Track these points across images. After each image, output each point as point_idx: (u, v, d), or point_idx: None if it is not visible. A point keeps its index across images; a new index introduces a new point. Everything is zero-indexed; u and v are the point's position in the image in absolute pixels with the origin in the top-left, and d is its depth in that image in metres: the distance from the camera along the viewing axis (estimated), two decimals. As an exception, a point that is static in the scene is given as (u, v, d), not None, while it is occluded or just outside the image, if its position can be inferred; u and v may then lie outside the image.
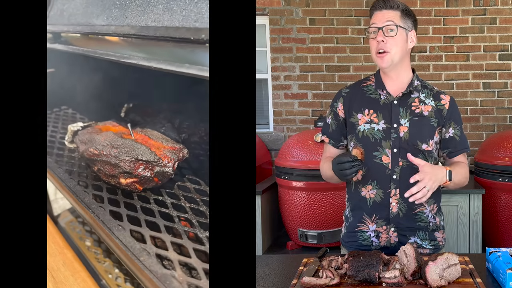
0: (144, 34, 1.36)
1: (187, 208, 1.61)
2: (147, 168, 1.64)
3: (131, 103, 2.62)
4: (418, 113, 1.61)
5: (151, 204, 1.62)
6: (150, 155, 1.65)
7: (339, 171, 1.52)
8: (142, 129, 1.97)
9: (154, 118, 2.36)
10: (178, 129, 2.34)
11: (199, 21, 1.14)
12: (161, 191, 1.74)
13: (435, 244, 1.67)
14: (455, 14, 3.98)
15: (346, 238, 1.72)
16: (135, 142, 1.73)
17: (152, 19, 1.38)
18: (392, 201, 1.61)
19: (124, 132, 1.90)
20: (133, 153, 1.65)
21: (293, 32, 4.09)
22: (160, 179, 1.69)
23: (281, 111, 4.19)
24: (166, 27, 1.25)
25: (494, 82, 4.02)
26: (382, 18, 1.57)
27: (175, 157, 1.72)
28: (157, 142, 1.81)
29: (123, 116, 2.55)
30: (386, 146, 1.60)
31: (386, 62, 1.57)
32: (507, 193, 3.21)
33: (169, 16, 1.28)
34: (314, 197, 3.26)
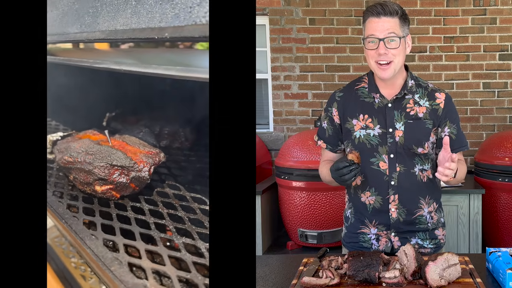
0: (113, 37, 1.39)
1: (165, 214, 1.59)
2: (122, 173, 1.61)
3: (113, 112, 2.64)
4: (413, 115, 1.58)
5: (127, 212, 1.59)
6: (125, 160, 1.62)
7: (338, 177, 1.51)
8: (120, 135, 1.96)
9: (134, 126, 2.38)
10: (159, 136, 2.37)
11: (164, 21, 1.16)
12: (140, 198, 1.71)
13: (436, 243, 1.66)
14: (455, 14, 3.98)
15: (347, 239, 1.71)
16: (111, 148, 1.70)
17: (121, 23, 1.41)
18: (391, 207, 1.60)
19: (102, 139, 1.87)
20: (108, 159, 1.62)
21: (293, 32, 4.09)
22: (137, 185, 1.66)
23: (281, 111, 4.19)
24: (133, 29, 1.28)
25: (494, 82, 4.02)
26: (382, 28, 1.49)
27: (151, 161, 1.69)
28: (134, 147, 1.79)
29: (104, 125, 2.57)
30: (383, 152, 1.58)
31: (389, 73, 1.52)
32: (507, 193, 3.21)
33: (137, 19, 1.32)
34: (314, 197, 3.26)
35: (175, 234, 1.44)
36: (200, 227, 1.50)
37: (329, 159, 1.69)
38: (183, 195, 1.78)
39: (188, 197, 1.75)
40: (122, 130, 2.33)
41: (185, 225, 1.52)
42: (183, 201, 1.71)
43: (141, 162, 1.66)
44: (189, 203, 1.70)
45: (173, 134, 2.39)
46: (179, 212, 1.61)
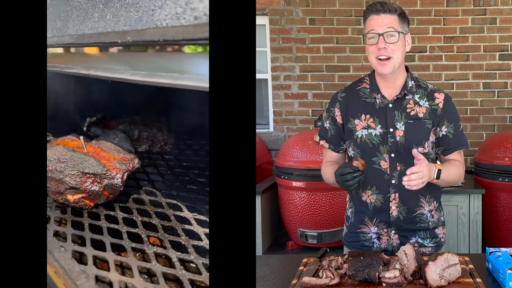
0: (80, 42, 1.40)
1: (138, 222, 1.56)
2: (95, 181, 1.59)
3: (94, 117, 2.63)
4: (413, 115, 1.60)
5: (100, 221, 1.56)
6: (98, 167, 1.60)
7: (342, 182, 1.52)
8: (97, 141, 1.93)
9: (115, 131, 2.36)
10: (138, 141, 2.35)
11: (128, 25, 1.16)
12: (115, 206, 1.69)
13: (436, 241, 1.68)
14: (455, 14, 3.98)
15: (348, 238, 1.72)
16: (84, 155, 1.67)
17: (89, 27, 1.41)
18: (392, 205, 1.62)
19: (78, 145, 1.84)
20: (80, 166, 1.59)
21: (293, 32, 4.09)
22: (111, 192, 1.64)
23: (281, 111, 4.19)
24: (98, 33, 1.29)
25: (494, 82, 4.02)
26: (382, 23, 1.54)
27: (124, 167, 1.67)
28: (109, 154, 1.76)
29: (85, 130, 2.56)
30: (384, 151, 1.61)
31: (389, 69, 1.56)
32: (507, 193, 3.21)
33: (103, 23, 1.33)
34: (314, 197, 3.26)
35: (147, 244, 1.42)
36: (173, 235, 1.48)
37: (332, 160, 1.71)
38: (159, 202, 1.76)
39: (163, 203, 1.74)
40: (103, 135, 2.32)
41: (158, 233, 1.49)
42: (158, 208, 1.69)
43: (114, 169, 1.63)
44: (164, 209, 1.68)
45: (151, 139, 2.38)
46: (153, 220, 1.59)
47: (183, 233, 1.50)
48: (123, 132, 2.25)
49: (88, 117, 2.62)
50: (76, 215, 1.60)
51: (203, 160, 2.26)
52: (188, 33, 0.95)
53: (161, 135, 2.41)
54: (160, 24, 1.01)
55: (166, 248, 1.39)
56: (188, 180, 2.00)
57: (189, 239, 1.45)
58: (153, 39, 1.02)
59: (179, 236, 1.48)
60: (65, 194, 1.59)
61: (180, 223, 1.56)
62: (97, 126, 2.54)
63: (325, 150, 1.73)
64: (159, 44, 1.04)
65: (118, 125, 2.51)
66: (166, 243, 1.42)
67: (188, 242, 1.43)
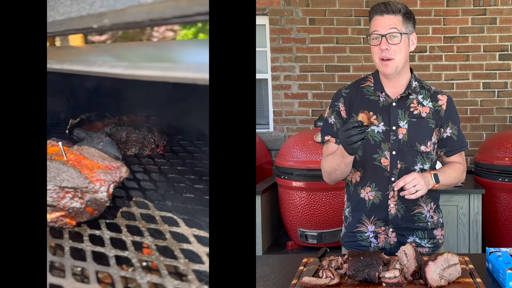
0: (50, 31, 1.19)
1: (128, 243, 1.32)
2: (75, 196, 1.34)
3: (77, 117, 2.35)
4: (416, 114, 1.62)
5: (84, 243, 1.30)
6: (78, 179, 1.36)
7: (345, 139, 1.45)
8: (78, 146, 1.69)
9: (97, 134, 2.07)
10: (126, 143, 2.12)
11: (105, 6, 0.98)
12: (100, 222, 1.43)
13: (434, 242, 1.68)
14: (455, 14, 3.98)
15: (346, 238, 1.73)
16: (63, 165, 1.43)
17: (60, 12, 1.22)
18: (390, 202, 1.63)
19: (58, 152, 1.59)
20: (56, 180, 1.34)
21: (293, 32, 4.09)
22: (95, 208, 1.39)
23: (281, 111, 4.19)
24: (71, 19, 1.10)
25: (494, 82, 4.02)
26: (385, 24, 1.55)
27: (110, 178, 1.43)
28: (92, 161, 1.52)
29: (67, 133, 2.29)
30: (385, 149, 1.61)
31: (391, 69, 1.57)
32: (507, 193, 3.21)
33: (76, 6, 1.13)
34: (314, 197, 3.26)
35: (139, 271, 1.18)
36: (170, 258, 1.26)
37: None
38: (151, 215, 1.53)
39: (157, 217, 1.51)
40: (87, 138, 2.05)
41: (152, 256, 1.27)
42: (151, 223, 1.47)
43: (98, 180, 1.39)
44: (158, 225, 1.46)
45: (141, 141, 2.15)
46: (146, 239, 1.36)
47: (181, 255, 1.28)
48: (108, 135, 1.98)
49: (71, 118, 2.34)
50: (54, 235, 1.35)
51: (200, 163, 2.03)
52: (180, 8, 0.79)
53: (152, 136, 2.18)
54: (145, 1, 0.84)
55: (162, 276, 1.18)
56: (184, 187, 1.78)
57: (189, 262, 1.24)
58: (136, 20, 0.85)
59: (176, 259, 1.27)
60: None
61: (177, 242, 1.35)
62: (81, 128, 2.26)
63: (327, 145, 1.71)
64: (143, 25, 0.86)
65: (104, 126, 2.28)
66: (161, 268, 1.21)
67: (187, 267, 1.22)
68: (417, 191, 1.53)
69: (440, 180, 1.59)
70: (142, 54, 1.18)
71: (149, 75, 0.98)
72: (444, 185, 1.62)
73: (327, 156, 1.68)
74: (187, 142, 2.34)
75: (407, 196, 1.54)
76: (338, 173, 1.63)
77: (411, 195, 1.53)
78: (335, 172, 1.63)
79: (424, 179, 1.54)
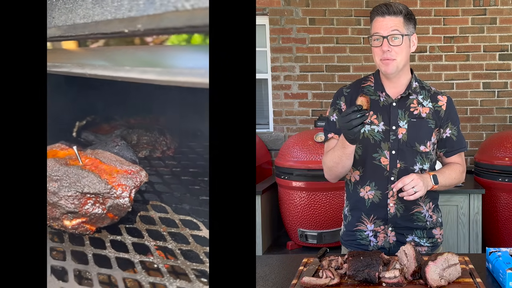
0: (72, 34, 1.16)
1: (152, 249, 1.29)
2: (97, 202, 1.33)
3: (84, 120, 2.32)
4: (416, 114, 1.63)
5: (106, 250, 1.28)
6: (99, 185, 1.33)
7: (345, 123, 1.44)
8: (93, 150, 1.64)
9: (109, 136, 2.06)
10: (136, 146, 2.08)
11: (134, 10, 0.94)
12: (120, 228, 1.42)
13: (433, 242, 1.69)
14: (455, 14, 3.98)
15: (345, 237, 1.73)
16: (82, 170, 1.39)
17: (80, 15, 1.17)
18: (390, 202, 1.64)
19: (72, 156, 1.56)
20: (77, 185, 1.32)
21: (293, 32, 4.09)
22: (116, 214, 1.38)
23: (281, 111, 4.19)
24: (96, 22, 1.06)
25: (494, 82, 4.02)
26: (386, 26, 1.56)
27: (131, 183, 1.41)
28: (110, 166, 1.48)
29: (74, 136, 2.26)
30: (385, 148, 1.62)
31: (392, 69, 1.58)
32: (507, 193, 3.21)
33: (100, 9, 1.08)
34: (314, 197, 3.26)
35: (167, 277, 1.15)
36: (196, 262, 1.24)
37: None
38: (171, 219, 1.51)
39: (176, 220, 1.49)
40: (96, 142, 2.04)
41: (178, 261, 1.25)
42: (171, 227, 1.45)
43: (119, 185, 1.37)
44: (179, 229, 1.44)
45: (153, 143, 2.13)
46: (169, 244, 1.33)
47: (206, 257, 1.26)
48: (123, 138, 1.96)
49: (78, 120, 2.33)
50: (75, 243, 1.32)
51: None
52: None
53: (164, 139, 2.17)
54: (182, 7, 0.80)
55: (192, 280, 1.16)
56: (199, 190, 1.75)
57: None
58: (175, 26, 0.81)
59: (202, 262, 1.24)
60: (61, 220, 1.32)
61: (201, 246, 1.31)
62: (88, 131, 2.24)
63: (328, 143, 1.70)
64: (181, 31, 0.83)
65: (111, 128, 2.25)
66: (190, 274, 1.18)
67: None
68: (416, 192, 1.54)
69: (439, 181, 1.60)
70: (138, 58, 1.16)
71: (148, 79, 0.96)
72: (443, 186, 1.63)
73: (328, 152, 1.68)
74: (195, 144, 2.32)
75: (406, 198, 1.56)
76: (340, 167, 1.61)
77: (409, 196, 1.55)
78: (336, 166, 1.62)
79: (423, 180, 1.55)
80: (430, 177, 1.59)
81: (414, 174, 1.57)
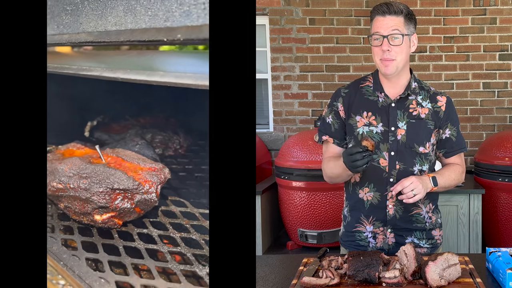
0: (105, 40, 1.19)
1: (178, 240, 1.37)
2: (125, 198, 1.39)
3: (94, 120, 2.37)
4: (415, 115, 1.62)
5: (135, 242, 1.35)
6: (127, 181, 1.39)
7: (350, 162, 1.49)
8: (112, 149, 1.69)
9: (123, 135, 2.11)
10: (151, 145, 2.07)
11: (170, 20, 0.99)
12: (144, 222, 1.49)
13: (432, 243, 1.69)
14: (455, 14, 3.98)
15: (344, 237, 1.73)
16: (108, 167, 1.45)
17: (112, 22, 1.21)
18: (389, 203, 1.63)
19: (92, 155, 1.61)
20: (107, 182, 1.38)
21: (293, 32, 4.09)
22: (143, 208, 1.45)
23: (281, 111, 4.19)
24: (131, 30, 1.10)
25: (494, 82, 4.02)
26: (387, 25, 1.55)
27: (156, 179, 1.47)
28: (133, 164, 1.54)
29: (87, 135, 2.31)
30: (384, 149, 1.61)
31: (391, 70, 1.57)
32: (507, 193, 3.21)
33: (133, 17, 1.12)
34: (314, 197, 3.26)
35: (196, 264, 1.23)
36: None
37: (335, 155, 1.69)
38: (191, 213, 1.58)
39: (197, 214, 1.57)
40: (110, 141, 2.09)
41: (203, 249, 1.31)
42: (193, 220, 1.52)
43: (146, 181, 1.44)
44: (200, 221, 1.50)
45: (166, 142, 2.18)
46: (193, 235, 1.41)
47: None
48: (143, 138, 1.99)
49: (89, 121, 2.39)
50: (104, 236, 1.39)
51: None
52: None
53: (178, 138, 2.22)
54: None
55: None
56: None
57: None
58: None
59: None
60: (92, 215, 1.39)
61: None
62: (101, 130, 2.29)
63: (327, 145, 1.72)
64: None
65: (122, 128, 2.30)
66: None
67: None
68: (415, 195, 1.53)
69: (439, 183, 1.59)
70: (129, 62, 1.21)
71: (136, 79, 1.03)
72: (442, 188, 1.62)
73: (329, 161, 1.68)
74: (204, 142, 2.37)
75: (405, 201, 1.55)
76: (339, 180, 1.67)
77: (409, 199, 1.54)
78: (336, 178, 1.67)
79: (422, 182, 1.54)
80: (429, 179, 1.58)
81: (413, 176, 1.56)
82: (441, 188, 1.61)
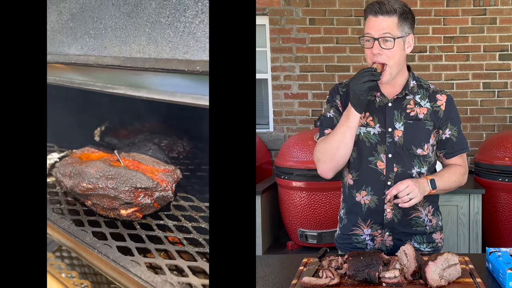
0: (131, 65, 1.34)
1: (190, 228, 1.59)
2: (146, 195, 1.61)
3: (102, 125, 2.52)
4: (413, 116, 1.57)
5: (155, 231, 1.58)
6: (148, 181, 1.61)
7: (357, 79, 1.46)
8: (128, 153, 1.90)
9: (132, 140, 2.29)
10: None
11: (189, 53, 1.16)
12: (160, 215, 1.70)
13: (433, 246, 1.65)
14: (455, 14, 3.98)
15: (340, 240, 1.69)
16: (129, 170, 1.67)
17: (135, 50, 1.36)
18: (386, 207, 1.59)
19: (110, 159, 1.82)
20: (131, 182, 1.60)
21: (293, 32, 4.09)
22: (160, 203, 1.67)
23: (281, 111, 4.19)
24: (155, 59, 1.26)
25: (494, 82, 4.02)
26: (378, 27, 1.48)
27: (171, 179, 1.69)
28: (149, 166, 1.76)
29: (98, 140, 2.46)
30: (381, 151, 1.57)
31: (386, 78, 1.51)
32: (507, 193, 3.21)
33: (155, 48, 1.28)
34: (314, 197, 3.26)
35: (208, 247, 1.42)
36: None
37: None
38: (198, 206, 1.77)
39: (203, 207, 1.76)
40: (119, 145, 2.27)
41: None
42: (200, 212, 1.72)
43: (163, 181, 1.65)
44: (207, 213, 1.70)
45: (171, 146, 2.33)
46: (202, 224, 1.62)
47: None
48: (154, 144, 2.17)
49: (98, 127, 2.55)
50: (128, 228, 1.61)
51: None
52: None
53: (182, 142, 2.38)
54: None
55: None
56: None
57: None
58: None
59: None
60: (118, 210, 1.60)
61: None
62: (110, 136, 2.45)
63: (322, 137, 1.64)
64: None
65: (129, 133, 2.44)
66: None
67: None
68: (411, 199, 1.49)
69: (437, 186, 1.54)
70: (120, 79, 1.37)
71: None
72: (442, 190, 1.57)
73: (325, 137, 1.59)
74: (203, 145, 2.53)
75: (401, 205, 1.51)
76: (342, 148, 1.54)
77: (404, 203, 1.50)
78: (338, 148, 1.54)
79: (418, 186, 1.50)
80: (427, 182, 1.53)
81: (409, 180, 1.51)
82: (440, 191, 1.57)
